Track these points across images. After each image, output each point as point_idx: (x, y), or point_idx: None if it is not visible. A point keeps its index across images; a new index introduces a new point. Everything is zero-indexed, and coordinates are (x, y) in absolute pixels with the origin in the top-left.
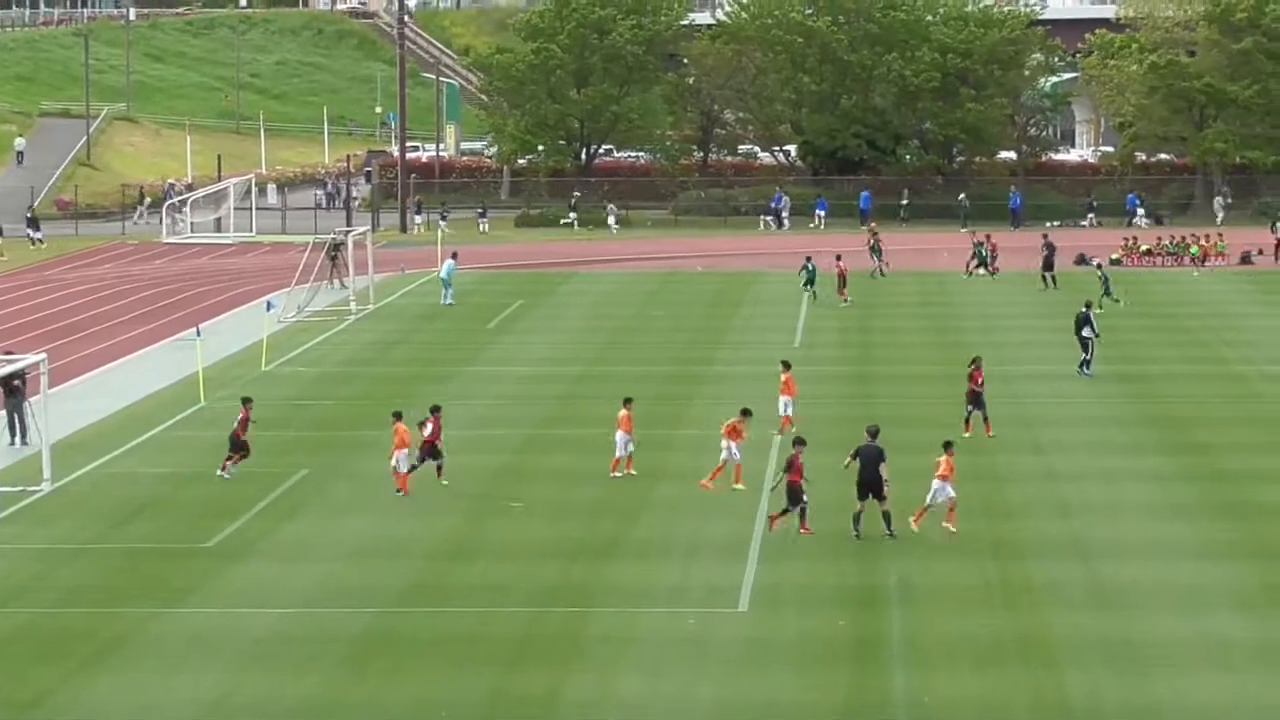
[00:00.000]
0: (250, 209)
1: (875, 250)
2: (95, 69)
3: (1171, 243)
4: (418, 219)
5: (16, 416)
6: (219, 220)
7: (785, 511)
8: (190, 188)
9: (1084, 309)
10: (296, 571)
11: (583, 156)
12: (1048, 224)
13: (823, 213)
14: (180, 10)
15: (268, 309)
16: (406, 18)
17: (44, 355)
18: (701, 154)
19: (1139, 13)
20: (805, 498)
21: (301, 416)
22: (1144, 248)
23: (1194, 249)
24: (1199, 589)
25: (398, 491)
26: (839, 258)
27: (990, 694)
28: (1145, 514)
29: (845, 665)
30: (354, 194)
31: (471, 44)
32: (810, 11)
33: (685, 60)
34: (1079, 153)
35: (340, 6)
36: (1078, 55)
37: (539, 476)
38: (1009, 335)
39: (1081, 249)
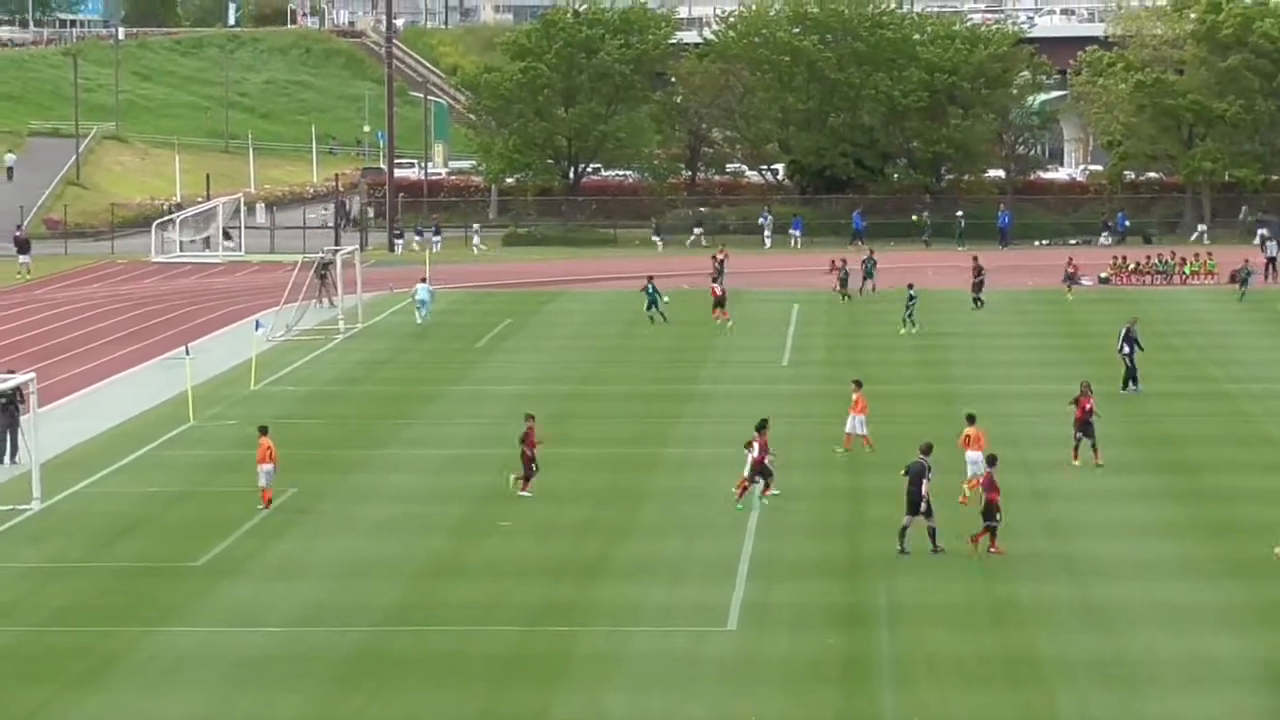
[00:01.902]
0: (239, 228)
1: (719, 272)
2: (84, 88)
3: (1161, 261)
4: (436, 239)
5: (9, 435)
6: (207, 239)
7: (985, 530)
8: (179, 206)
9: (1128, 325)
10: (285, 590)
11: (570, 175)
12: (1036, 243)
13: (798, 232)
14: (169, 29)
15: (256, 328)
16: (394, 37)
17: (33, 374)
18: (689, 173)
19: (1127, 31)
20: (999, 517)
21: (290, 435)
22: (1132, 266)
23: (1188, 267)
24: (1187, 607)
25: (259, 507)
26: (714, 279)
27: (979, 712)
28: (1133, 532)
29: (834, 684)
30: (369, 213)
31: (459, 63)
32: (797, 30)
33: (673, 79)
34: (1067, 171)
35: (328, 26)
36: (1066, 73)
37: (527, 496)
38: (996, 355)
39: (1070, 269)
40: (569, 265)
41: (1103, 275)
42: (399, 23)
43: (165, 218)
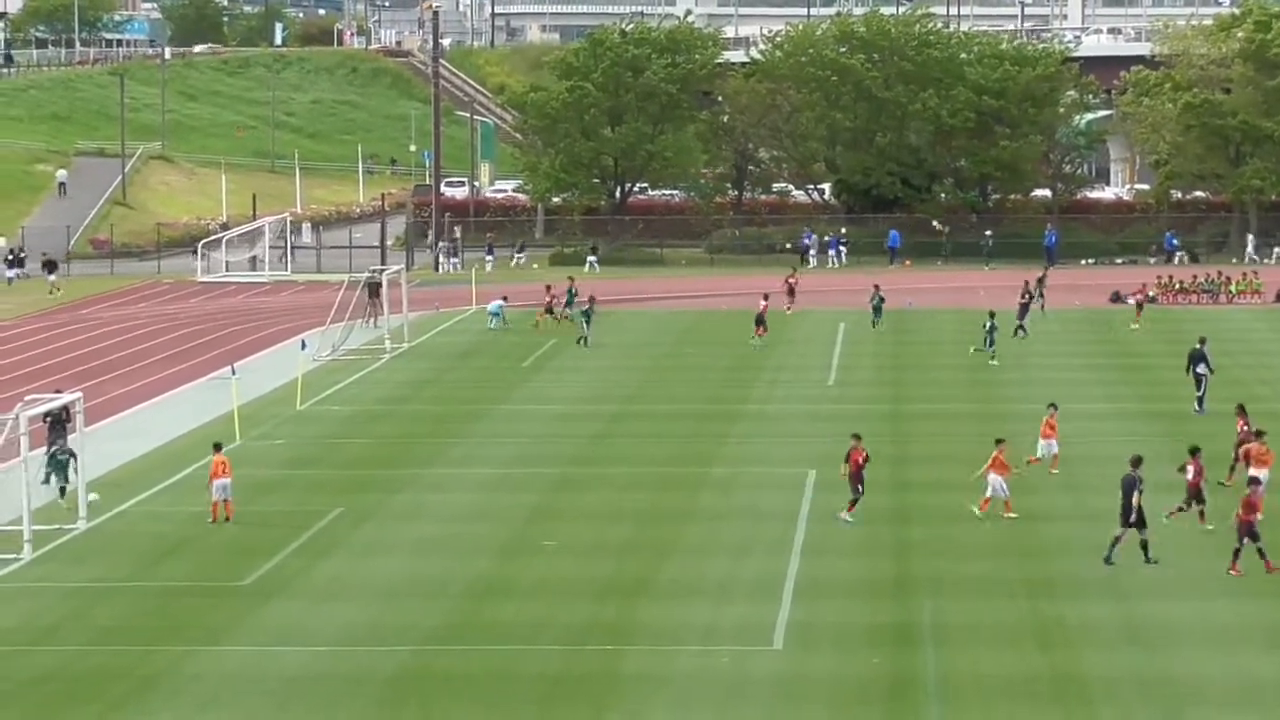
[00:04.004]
0: (285, 247)
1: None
2: (130, 108)
3: (1207, 280)
4: (488, 258)
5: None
6: (253, 259)
7: (1238, 551)
8: (225, 226)
9: (1198, 345)
10: (331, 610)
11: (617, 195)
12: (1082, 262)
13: (833, 250)
14: (215, 49)
15: (302, 348)
16: (441, 56)
17: (79, 394)
18: (736, 192)
19: (1174, 50)
20: (1244, 540)
21: (336, 455)
22: (1178, 285)
23: (1235, 286)
24: (1234, 627)
25: (211, 521)
26: (766, 297)
27: None
28: (1179, 552)
29: (880, 703)
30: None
31: (506, 82)
32: (844, 49)
33: (719, 98)
34: (1114, 190)
35: (374, 45)
36: (1112, 93)
37: (572, 515)
38: (1043, 373)
39: (1118, 287)
40: (615, 285)
41: (1150, 294)
42: (445, 42)
43: (212, 237)
